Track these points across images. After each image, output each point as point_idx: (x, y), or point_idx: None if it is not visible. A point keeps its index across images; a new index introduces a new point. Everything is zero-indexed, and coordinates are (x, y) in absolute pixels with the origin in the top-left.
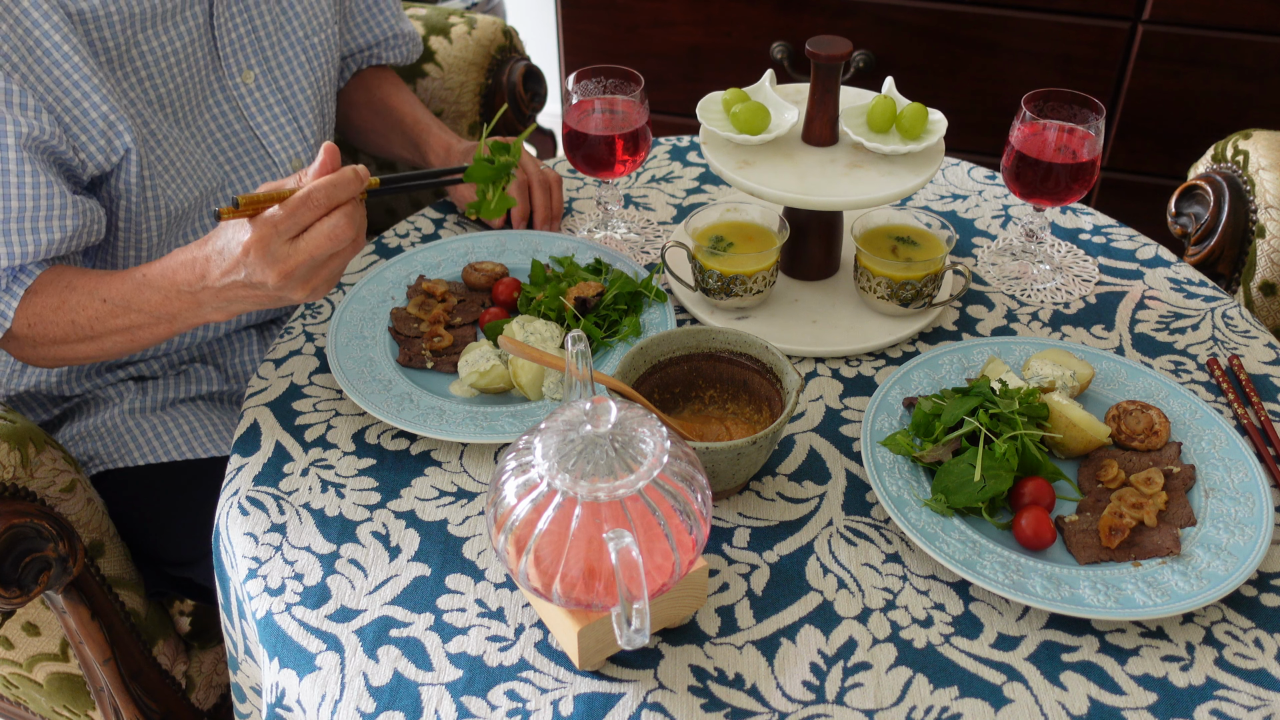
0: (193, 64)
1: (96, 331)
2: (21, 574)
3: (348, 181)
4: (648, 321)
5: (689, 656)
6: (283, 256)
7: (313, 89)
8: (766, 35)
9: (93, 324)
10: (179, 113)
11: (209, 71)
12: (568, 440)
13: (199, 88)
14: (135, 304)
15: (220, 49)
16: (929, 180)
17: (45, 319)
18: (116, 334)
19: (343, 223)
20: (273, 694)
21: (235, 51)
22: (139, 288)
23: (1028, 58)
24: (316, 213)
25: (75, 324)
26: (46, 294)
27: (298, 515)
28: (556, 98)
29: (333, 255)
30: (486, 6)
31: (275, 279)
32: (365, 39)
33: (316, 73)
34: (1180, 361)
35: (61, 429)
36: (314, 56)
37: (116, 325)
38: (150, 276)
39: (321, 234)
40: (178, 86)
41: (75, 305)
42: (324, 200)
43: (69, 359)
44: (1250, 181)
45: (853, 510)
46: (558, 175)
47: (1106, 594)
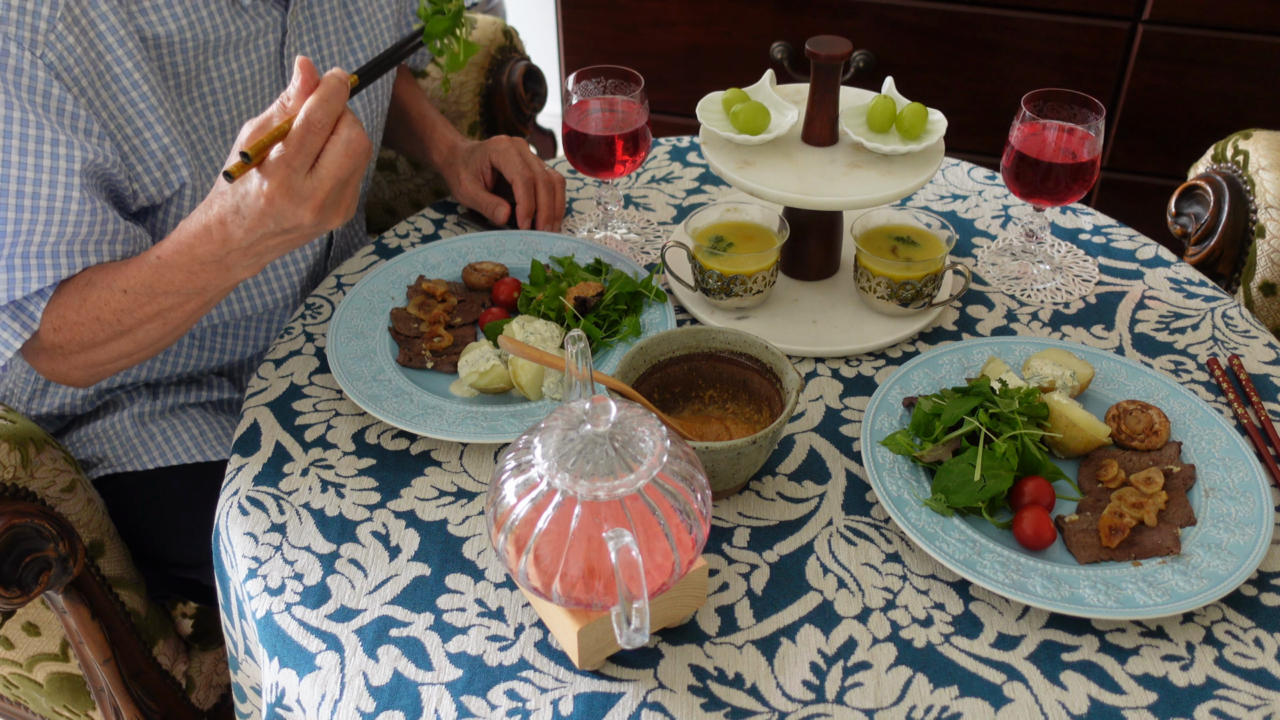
0: (259, 92)
1: (125, 325)
2: (22, 574)
3: (337, 91)
4: (648, 321)
5: (689, 656)
6: (309, 191)
7: (367, 120)
8: (766, 35)
9: (119, 317)
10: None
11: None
12: (567, 440)
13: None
14: (159, 287)
15: (289, 78)
16: (929, 180)
17: (69, 321)
18: (148, 322)
19: (355, 134)
20: (273, 694)
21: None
22: (158, 270)
23: (1028, 58)
24: (323, 135)
25: (101, 320)
26: (66, 295)
27: (298, 515)
28: (556, 98)
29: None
30: (486, 6)
31: (310, 215)
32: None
33: (371, 106)
34: (1180, 361)
35: (70, 432)
36: (373, 89)
37: (145, 313)
38: (166, 256)
39: (338, 154)
40: (241, 114)
41: (96, 301)
42: (325, 120)
43: (105, 363)
44: (1250, 181)
45: (853, 510)
46: (560, 176)
47: (1106, 593)
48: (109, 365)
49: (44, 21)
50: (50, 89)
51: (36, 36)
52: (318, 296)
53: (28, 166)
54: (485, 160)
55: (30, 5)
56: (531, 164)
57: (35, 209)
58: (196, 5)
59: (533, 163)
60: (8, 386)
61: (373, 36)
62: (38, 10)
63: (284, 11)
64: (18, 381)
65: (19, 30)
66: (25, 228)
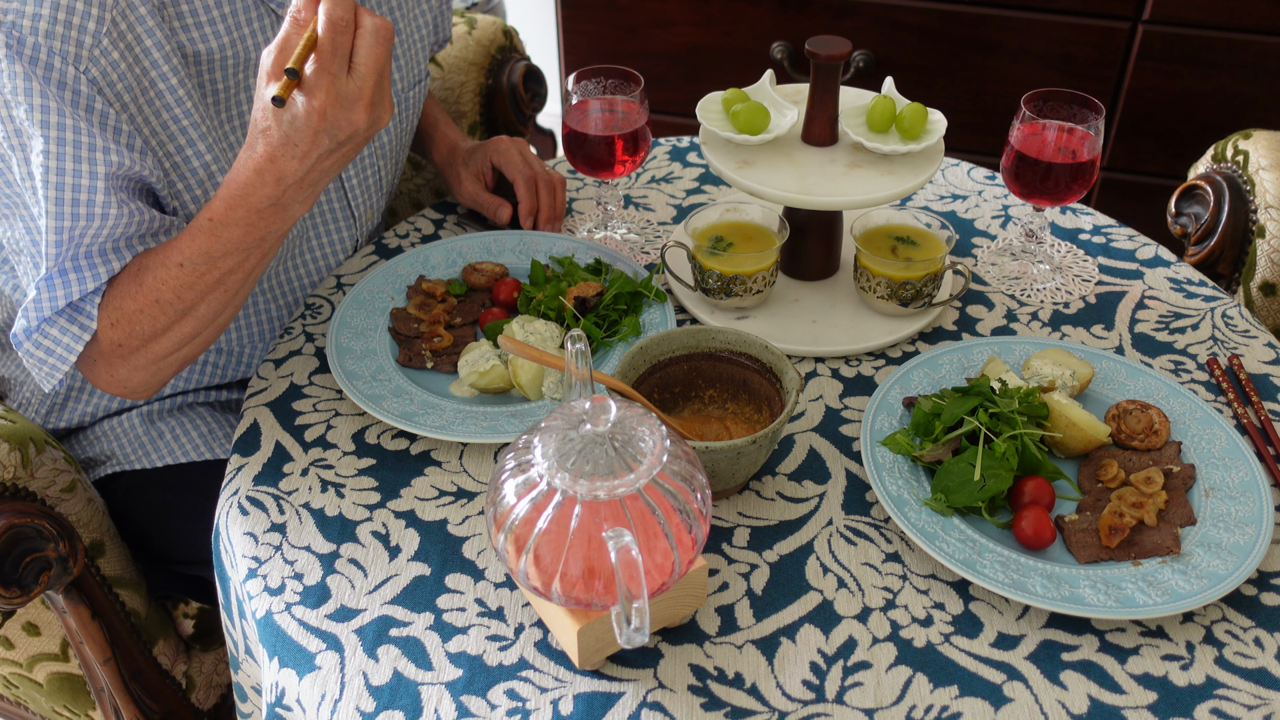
0: None
1: (187, 301)
2: (22, 574)
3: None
4: (648, 321)
5: (689, 656)
6: (356, 92)
7: (397, 140)
8: (766, 35)
9: (180, 294)
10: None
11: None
12: (567, 439)
13: None
14: (216, 250)
15: None
16: (929, 180)
17: (127, 312)
18: (210, 293)
19: (377, 21)
20: (273, 693)
21: None
22: (213, 233)
23: (1028, 58)
24: (350, 32)
25: (161, 302)
26: (119, 286)
27: (298, 515)
28: (556, 98)
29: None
30: (486, 6)
31: (364, 116)
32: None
33: (404, 124)
34: (1180, 361)
35: (78, 430)
36: (407, 109)
37: (206, 283)
38: (219, 215)
39: (370, 45)
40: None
41: (153, 283)
42: (346, 15)
43: (169, 354)
44: (1250, 181)
45: (853, 510)
46: (561, 176)
47: (1106, 593)
48: (173, 357)
49: (89, 37)
50: (93, 103)
51: (81, 51)
52: (317, 296)
53: (82, 174)
54: (486, 160)
55: (76, 20)
56: (533, 164)
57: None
58: (239, 24)
59: (534, 163)
60: (25, 396)
61: (409, 59)
62: (84, 26)
63: None
64: (36, 393)
65: (64, 45)
66: (78, 231)
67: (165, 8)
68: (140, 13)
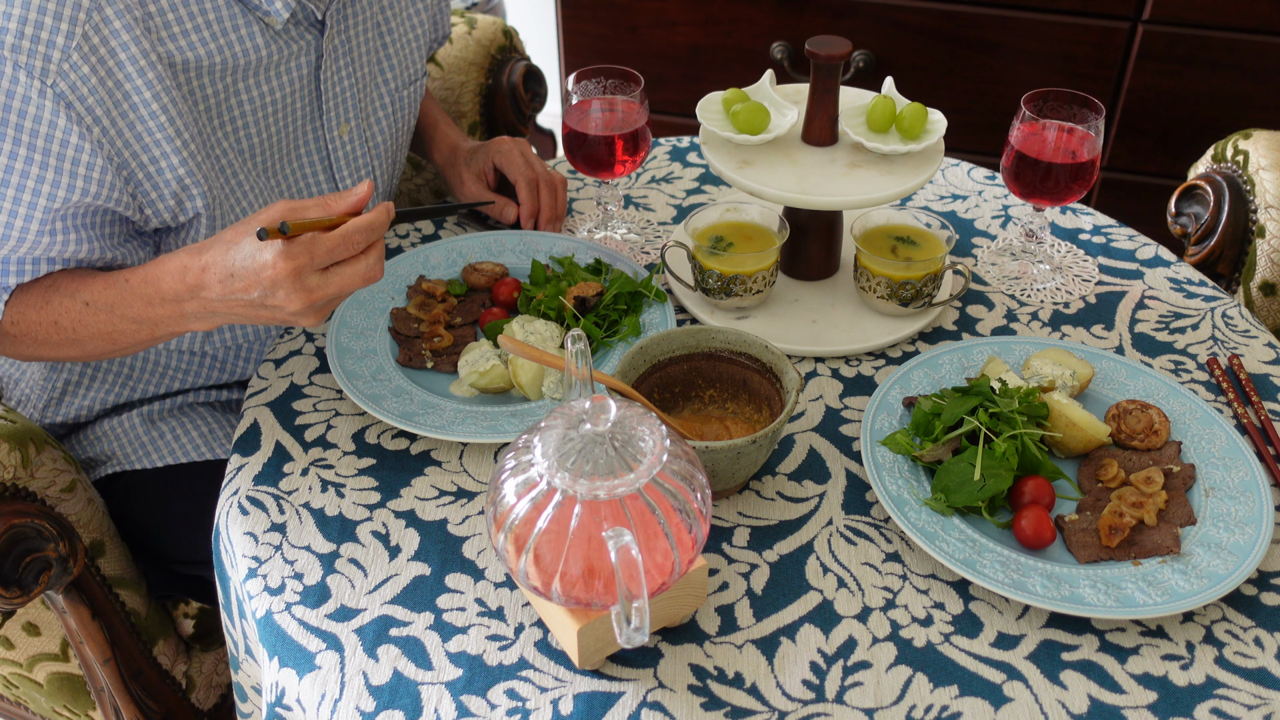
0: (290, 114)
1: (79, 335)
2: (22, 574)
3: (382, 222)
4: (648, 321)
5: (689, 655)
6: (313, 286)
7: (393, 140)
8: (766, 35)
9: (75, 327)
10: (267, 162)
11: (306, 122)
12: (567, 439)
13: (292, 138)
14: (118, 309)
15: (324, 102)
16: (929, 180)
17: (28, 319)
18: (98, 339)
19: (376, 266)
20: (273, 693)
21: (337, 105)
22: (123, 293)
23: (1028, 58)
24: (353, 252)
25: (58, 325)
26: (30, 292)
27: (298, 515)
28: (556, 98)
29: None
30: (486, 6)
31: (298, 306)
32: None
33: (398, 125)
34: (1180, 361)
35: (78, 430)
36: (400, 108)
37: (98, 329)
38: (134, 283)
39: (357, 274)
40: (271, 136)
41: (58, 306)
42: (362, 242)
43: (51, 359)
44: (1250, 181)
45: (852, 509)
46: (562, 176)
47: (1106, 593)
48: (55, 360)
49: (58, 51)
50: (56, 119)
51: (49, 65)
52: None
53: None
54: (488, 161)
55: (45, 35)
56: (534, 165)
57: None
58: (226, 30)
59: (535, 163)
60: (24, 392)
61: (403, 57)
62: (52, 40)
63: (319, 35)
64: (34, 388)
65: (30, 59)
66: None
67: (151, 18)
68: (115, 26)
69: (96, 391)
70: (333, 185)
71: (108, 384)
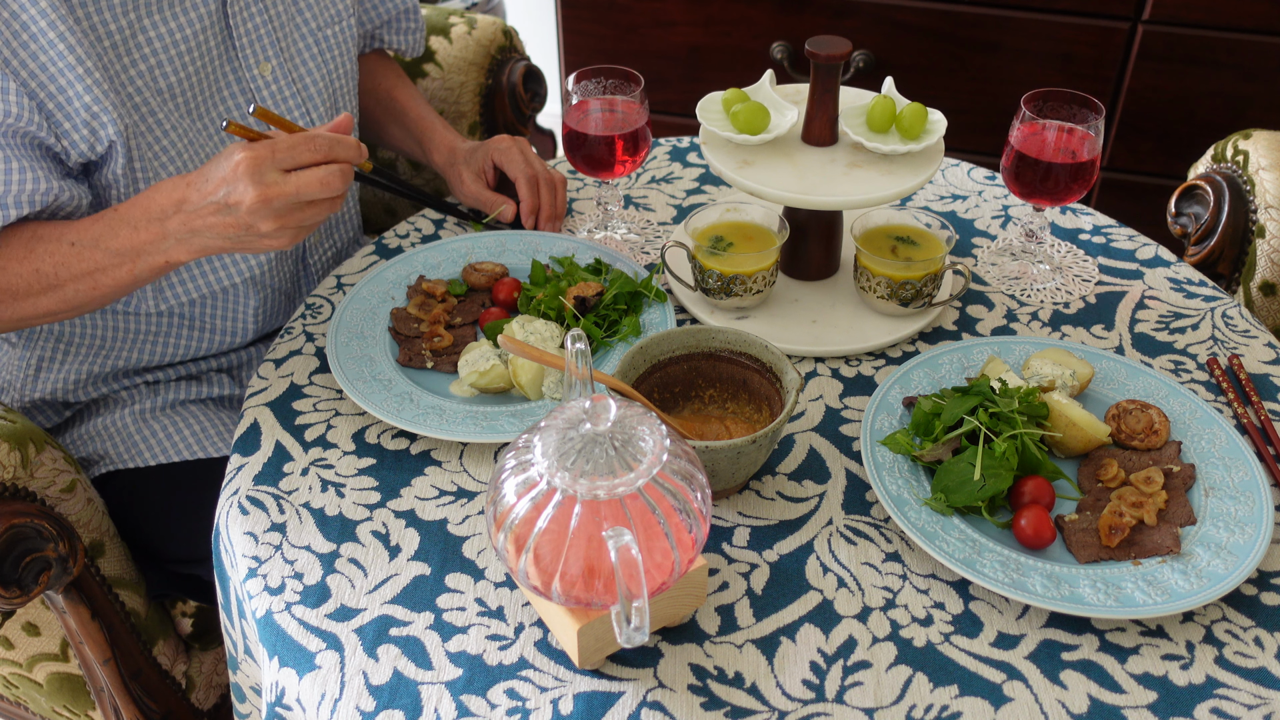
0: (204, 53)
1: (60, 279)
2: (21, 574)
3: (352, 145)
4: (648, 321)
5: (689, 655)
6: (270, 182)
7: (325, 81)
8: (766, 35)
9: (57, 270)
10: (190, 103)
11: (223, 62)
12: (567, 438)
13: (211, 78)
14: (103, 241)
15: (236, 39)
16: (929, 180)
17: (8, 270)
18: (79, 280)
19: (336, 174)
20: (273, 693)
21: (252, 43)
22: (110, 223)
23: (1028, 58)
24: (315, 156)
25: (40, 272)
26: (11, 246)
27: (298, 515)
28: (556, 98)
29: (312, 203)
30: (486, 6)
31: (253, 200)
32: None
33: (328, 65)
34: (1180, 361)
35: (71, 429)
36: (327, 49)
37: (80, 269)
38: (123, 210)
39: (315, 176)
40: (188, 76)
41: (42, 253)
42: (325, 148)
43: (28, 316)
44: (1250, 181)
45: (852, 509)
46: (562, 176)
47: (1106, 593)
48: (31, 318)
49: None
50: None
51: None
52: (318, 296)
53: None
54: (487, 159)
55: None
56: (534, 163)
57: None
58: None
59: (534, 162)
60: (5, 379)
61: None
62: None
63: None
64: (11, 368)
65: None
66: None
67: None
68: None
69: (71, 362)
70: (263, 128)
71: (81, 354)
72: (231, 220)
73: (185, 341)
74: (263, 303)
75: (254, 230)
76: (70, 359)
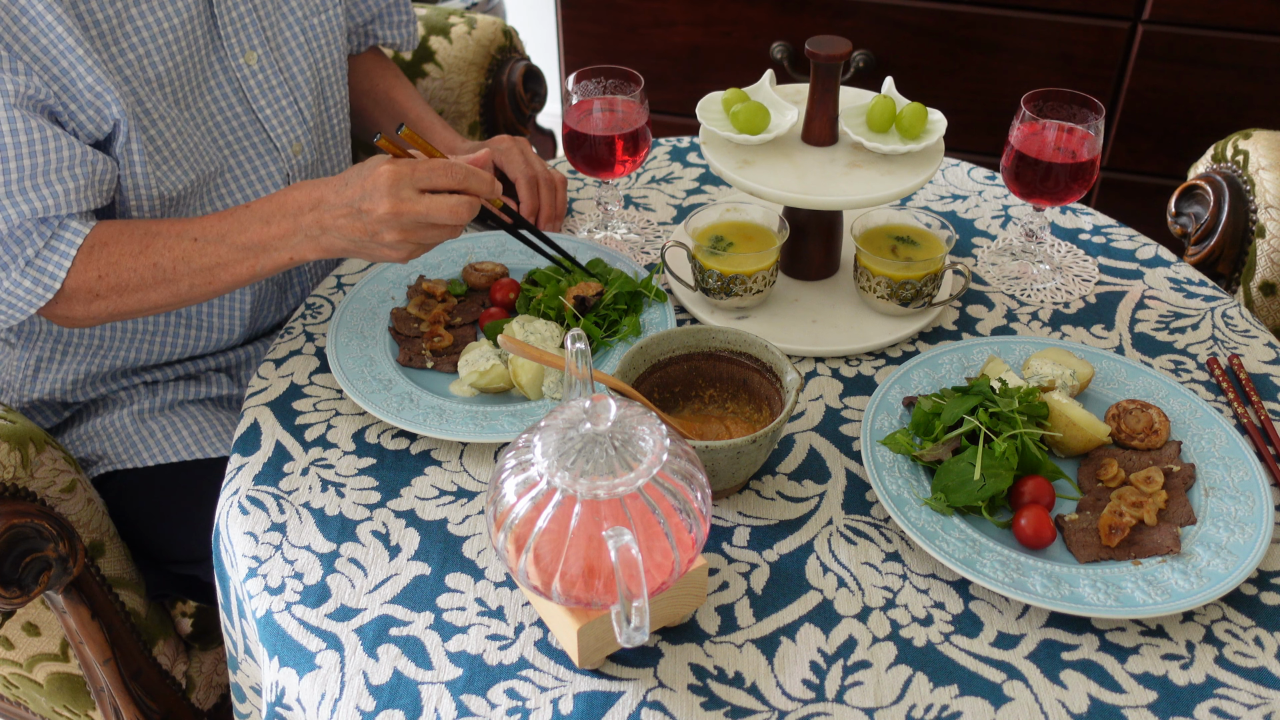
0: (191, 43)
1: (179, 273)
2: (22, 574)
3: (486, 180)
4: (648, 321)
5: (689, 655)
6: (405, 198)
7: (312, 71)
8: (766, 35)
9: (176, 265)
10: (178, 93)
11: (209, 51)
12: (567, 438)
13: (198, 68)
14: (230, 236)
15: (221, 28)
16: (929, 180)
17: (122, 265)
18: (197, 274)
19: (465, 205)
20: (273, 693)
21: (237, 32)
22: (240, 219)
23: (1028, 58)
24: (451, 183)
25: (158, 266)
26: (124, 242)
27: (298, 514)
28: (556, 98)
29: (435, 225)
30: (486, 6)
31: (385, 210)
32: (364, 12)
33: (316, 55)
34: (1180, 361)
35: (69, 430)
36: (314, 38)
37: (202, 264)
38: (255, 206)
39: (446, 202)
40: (176, 65)
41: (161, 248)
42: (461, 177)
43: (129, 310)
44: (1250, 181)
45: (853, 509)
46: (563, 176)
47: (1106, 592)
48: (130, 311)
49: None
50: None
51: None
52: (318, 296)
53: None
54: None
55: None
56: (534, 163)
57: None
58: None
59: (535, 162)
60: (4, 379)
61: None
62: None
63: None
64: (10, 369)
65: None
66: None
67: None
68: None
69: (70, 362)
70: (251, 116)
71: (79, 355)
72: (360, 225)
73: (181, 339)
74: (255, 295)
75: (378, 238)
76: (69, 359)
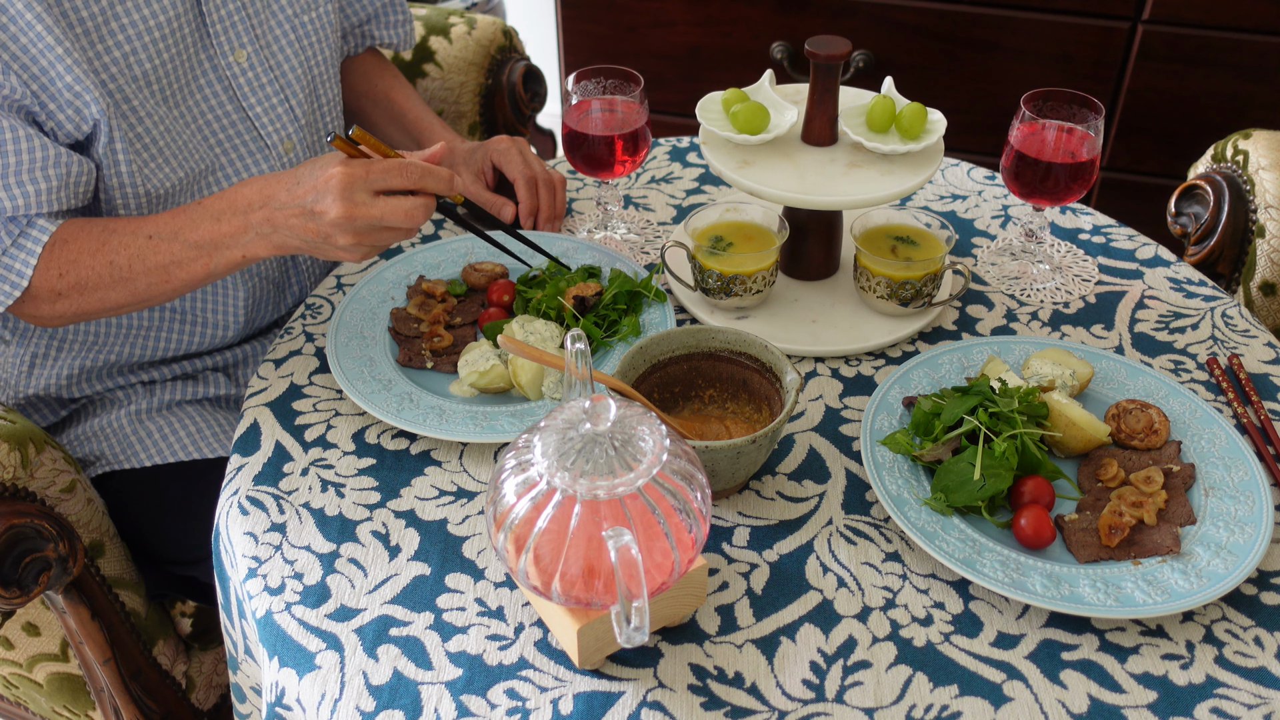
0: (178, 40)
1: (134, 271)
2: (21, 574)
3: (444, 176)
4: (647, 321)
5: (689, 655)
6: (358, 201)
7: (303, 69)
8: (766, 35)
9: (131, 263)
10: (166, 90)
11: (198, 49)
12: (567, 438)
13: (187, 65)
14: (183, 234)
15: (209, 26)
16: (928, 180)
17: (81, 264)
18: (153, 273)
19: (420, 207)
20: (273, 693)
21: (226, 29)
22: (192, 216)
23: (1028, 58)
24: (406, 183)
25: (114, 264)
26: (82, 240)
27: (298, 515)
28: (556, 98)
29: (388, 229)
30: (486, 6)
31: (337, 215)
32: (359, 13)
33: (307, 52)
34: (1180, 361)
35: (67, 430)
36: (304, 35)
37: (155, 262)
38: (206, 203)
39: (401, 206)
40: (164, 63)
41: (117, 246)
42: (417, 176)
43: (91, 309)
44: (1250, 181)
45: (852, 509)
46: (562, 176)
47: (1106, 592)
48: (94, 311)
49: None
50: None
51: None
52: (318, 296)
53: None
54: (486, 160)
55: None
56: (533, 164)
57: None
58: None
59: (534, 162)
60: (0, 375)
61: None
62: None
63: None
64: (5, 365)
65: None
66: None
67: None
68: None
69: (65, 357)
70: (241, 114)
71: (74, 350)
72: (313, 226)
73: (176, 335)
74: (251, 292)
75: (331, 240)
76: (64, 355)
